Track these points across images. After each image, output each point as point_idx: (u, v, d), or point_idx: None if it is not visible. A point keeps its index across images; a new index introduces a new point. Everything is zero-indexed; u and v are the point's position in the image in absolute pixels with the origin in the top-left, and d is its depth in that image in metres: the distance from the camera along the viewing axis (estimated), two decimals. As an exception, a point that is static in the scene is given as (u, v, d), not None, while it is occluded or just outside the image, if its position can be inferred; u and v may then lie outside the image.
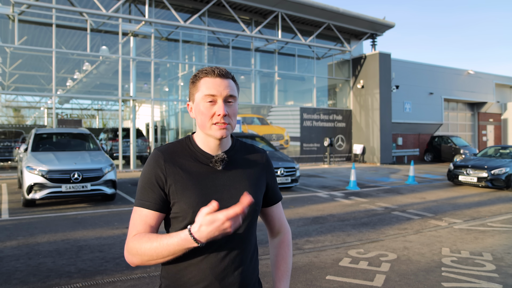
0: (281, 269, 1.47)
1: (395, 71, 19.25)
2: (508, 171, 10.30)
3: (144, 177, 1.29)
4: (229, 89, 1.29)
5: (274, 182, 1.48)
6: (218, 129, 1.28)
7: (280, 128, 17.28)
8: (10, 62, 18.95)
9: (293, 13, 16.66)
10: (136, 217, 1.27)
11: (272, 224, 1.51)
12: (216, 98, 1.27)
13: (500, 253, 4.90)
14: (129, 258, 1.23)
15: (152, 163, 1.30)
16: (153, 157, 1.31)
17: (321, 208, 7.75)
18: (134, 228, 1.26)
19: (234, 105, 1.31)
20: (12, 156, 15.89)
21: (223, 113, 1.26)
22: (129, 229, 1.28)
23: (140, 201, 1.27)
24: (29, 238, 5.33)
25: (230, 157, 1.35)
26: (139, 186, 1.30)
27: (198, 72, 1.33)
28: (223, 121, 1.27)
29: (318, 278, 3.98)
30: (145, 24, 14.59)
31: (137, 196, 1.30)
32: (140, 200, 1.28)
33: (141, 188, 1.29)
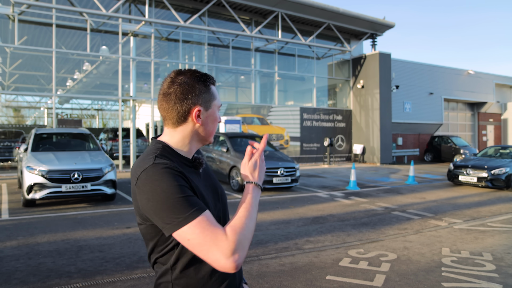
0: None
1: (395, 71, 19.26)
2: (508, 171, 10.30)
3: (176, 189, 1.10)
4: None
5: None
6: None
7: (280, 128, 17.28)
8: (10, 62, 18.95)
9: (293, 13, 16.66)
10: (207, 224, 1.08)
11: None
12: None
13: (500, 253, 4.90)
14: (242, 256, 1.08)
15: (170, 172, 1.13)
16: (164, 167, 1.13)
17: (321, 208, 7.75)
18: (218, 230, 1.09)
19: None
20: (12, 156, 15.89)
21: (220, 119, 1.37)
22: (211, 240, 1.07)
23: (196, 209, 1.09)
24: (29, 238, 5.33)
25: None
26: (176, 202, 1.08)
27: (206, 77, 1.29)
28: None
29: (318, 278, 3.98)
30: (145, 24, 14.59)
31: (184, 211, 1.08)
32: (195, 210, 1.09)
33: (181, 201, 1.09)
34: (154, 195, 1.10)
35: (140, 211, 1.19)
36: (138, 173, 1.16)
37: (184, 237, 1.09)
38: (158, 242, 1.22)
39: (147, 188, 1.12)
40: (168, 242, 1.20)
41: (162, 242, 1.21)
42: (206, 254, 1.07)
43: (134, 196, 1.20)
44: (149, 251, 1.27)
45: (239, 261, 1.06)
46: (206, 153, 11.38)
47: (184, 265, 1.21)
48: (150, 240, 1.24)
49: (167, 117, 1.27)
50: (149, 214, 1.14)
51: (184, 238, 1.09)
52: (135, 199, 1.19)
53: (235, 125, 14.00)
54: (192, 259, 1.20)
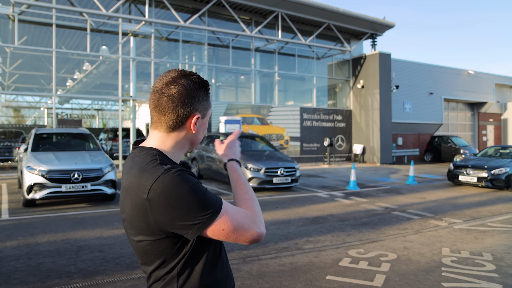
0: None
1: (395, 71, 19.25)
2: (508, 171, 10.30)
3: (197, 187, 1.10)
4: None
5: None
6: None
7: (280, 128, 17.28)
8: (10, 62, 18.95)
9: (293, 13, 16.66)
10: (232, 208, 1.16)
11: None
12: None
13: (500, 253, 4.90)
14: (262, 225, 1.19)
15: (187, 175, 1.11)
16: (179, 172, 1.10)
17: (321, 208, 7.75)
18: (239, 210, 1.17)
19: None
20: (12, 156, 15.88)
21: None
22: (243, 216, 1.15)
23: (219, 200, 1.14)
24: (29, 238, 5.33)
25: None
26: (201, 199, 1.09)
27: (207, 84, 1.25)
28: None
29: (318, 278, 3.98)
30: (145, 24, 14.59)
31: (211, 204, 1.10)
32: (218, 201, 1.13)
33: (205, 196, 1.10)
34: (178, 201, 1.06)
35: (151, 226, 1.11)
36: (148, 185, 1.08)
37: (218, 229, 1.11)
38: (168, 255, 1.15)
39: (168, 197, 1.06)
40: (178, 253, 1.15)
41: (173, 254, 1.15)
42: (241, 235, 1.14)
43: (140, 212, 1.10)
44: (153, 268, 1.18)
45: (264, 229, 1.19)
46: (206, 153, 11.39)
47: (191, 271, 1.17)
48: (158, 256, 1.16)
49: (162, 119, 1.18)
50: (171, 224, 1.08)
51: (219, 230, 1.11)
52: (144, 215, 1.10)
53: (235, 125, 14.00)
54: (200, 265, 1.18)
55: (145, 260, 1.19)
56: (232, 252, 4.78)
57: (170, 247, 1.14)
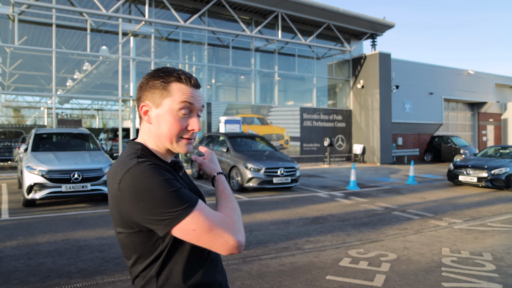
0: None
1: (395, 71, 19.25)
2: (508, 171, 10.30)
3: (168, 183, 1.05)
4: (202, 101, 1.21)
5: None
6: (185, 144, 1.18)
7: (280, 128, 17.28)
8: (10, 62, 18.95)
9: (293, 13, 16.66)
10: (207, 210, 1.08)
11: None
12: (191, 110, 1.17)
13: (500, 253, 4.90)
14: (244, 235, 1.11)
15: (157, 168, 1.08)
16: (150, 165, 1.08)
17: (321, 208, 7.75)
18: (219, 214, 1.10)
19: (199, 118, 1.23)
20: (12, 156, 15.89)
21: (199, 128, 1.18)
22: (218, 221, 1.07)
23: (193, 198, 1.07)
24: (29, 238, 5.33)
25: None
26: (171, 195, 1.04)
27: (165, 72, 1.17)
28: (192, 136, 1.19)
29: (318, 278, 3.98)
30: (145, 24, 14.59)
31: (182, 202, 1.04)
32: (192, 199, 1.07)
33: (177, 193, 1.05)
34: (146, 194, 1.03)
35: (124, 217, 1.10)
36: (120, 175, 1.07)
37: (188, 229, 1.04)
38: (144, 250, 1.13)
39: (136, 188, 1.04)
40: (154, 249, 1.12)
41: (148, 250, 1.13)
42: (214, 239, 1.04)
43: (114, 202, 1.11)
44: (131, 263, 1.16)
45: (243, 239, 1.08)
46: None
47: (170, 271, 1.14)
48: (135, 250, 1.14)
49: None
50: (140, 217, 1.06)
51: (189, 230, 1.04)
52: (117, 205, 1.10)
53: (235, 125, 14.00)
54: (181, 266, 1.14)
55: (124, 254, 1.19)
56: (232, 252, 4.77)
57: (145, 242, 1.12)
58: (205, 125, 15.84)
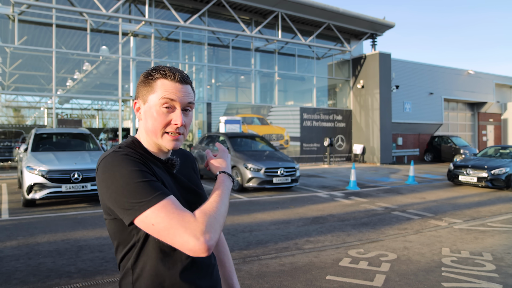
0: (227, 266, 1.45)
1: (395, 71, 19.25)
2: (508, 171, 10.30)
3: (136, 174, 1.06)
4: (189, 96, 1.19)
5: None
6: (170, 139, 1.18)
7: (280, 128, 17.28)
8: (10, 62, 18.95)
9: (293, 13, 16.66)
10: (173, 207, 1.03)
11: None
12: (174, 105, 1.17)
13: (500, 253, 4.90)
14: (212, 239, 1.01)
15: (129, 158, 1.10)
16: (123, 154, 1.11)
17: (321, 208, 7.75)
18: (185, 212, 1.03)
19: (191, 114, 1.23)
20: (12, 156, 15.88)
21: (181, 123, 1.16)
22: (178, 222, 1.01)
23: (160, 193, 1.04)
24: (29, 238, 5.33)
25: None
26: (137, 186, 1.04)
27: (154, 69, 1.20)
28: (177, 131, 1.18)
29: (318, 278, 3.98)
30: (145, 24, 14.59)
31: (146, 195, 1.03)
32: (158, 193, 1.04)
33: (143, 185, 1.04)
34: (113, 181, 1.05)
35: (102, 203, 1.14)
36: (98, 162, 1.13)
37: (148, 223, 1.02)
38: (121, 239, 1.15)
39: (106, 175, 1.07)
40: (129, 238, 1.13)
41: (124, 239, 1.14)
42: (173, 238, 1.00)
43: (98, 188, 1.14)
44: (115, 251, 1.19)
45: (210, 242, 0.99)
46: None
47: (144, 265, 1.13)
48: (114, 237, 1.17)
49: None
50: (110, 204, 1.08)
51: (148, 224, 1.02)
52: (98, 190, 1.14)
53: (235, 125, 14.00)
54: (154, 261, 1.13)
55: (111, 240, 1.21)
56: (232, 252, 4.78)
57: (122, 230, 1.14)
58: (205, 125, 15.85)
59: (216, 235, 1.02)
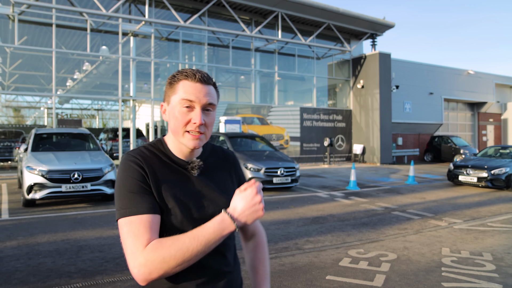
0: (260, 272, 1.40)
1: (395, 71, 19.25)
2: (508, 171, 10.30)
3: (128, 182, 1.14)
4: (209, 96, 1.21)
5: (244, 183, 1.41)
6: (191, 138, 1.20)
7: (280, 128, 17.28)
8: (10, 62, 18.95)
9: (293, 13, 16.66)
10: (135, 227, 1.08)
11: (245, 228, 1.40)
12: (193, 105, 1.19)
13: (500, 253, 4.90)
14: (146, 274, 1.03)
15: (131, 165, 1.17)
16: (130, 160, 1.19)
17: (321, 208, 7.75)
18: (139, 238, 1.07)
19: (212, 114, 1.24)
20: (12, 156, 15.88)
21: (200, 122, 1.18)
22: (130, 244, 1.07)
23: (133, 209, 1.11)
24: (29, 238, 5.33)
25: (203, 162, 1.29)
26: (124, 194, 1.14)
27: (177, 72, 1.25)
28: (198, 130, 1.19)
29: (318, 278, 3.98)
30: (145, 24, 14.59)
31: (125, 205, 1.12)
32: (132, 208, 1.11)
33: (129, 195, 1.13)
34: (116, 181, 1.19)
35: None
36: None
37: (120, 227, 1.13)
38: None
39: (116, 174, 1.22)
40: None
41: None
42: (125, 252, 1.09)
43: None
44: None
45: (147, 277, 1.03)
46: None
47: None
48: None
49: None
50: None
51: (120, 229, 1.13)
52: None
53: (235, 125, 14.00)
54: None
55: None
56: (232, 252, 4.77)
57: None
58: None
59: (157, 274, 1.04)
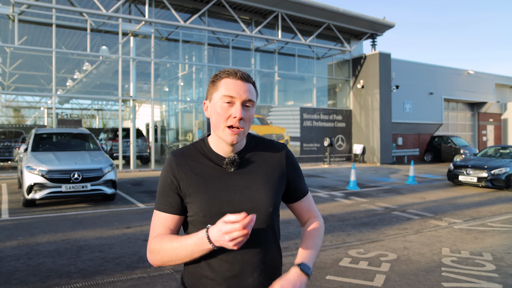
0: (306, 243, 1.41)
1: (395, 71, 19.25)
2: (508, 171, 10.29)
3: (161, 182, 1.33)
4: (249, 93, 1.27)
5: (296, 177, 1.44)
6: (230, 133, 1.25)
7: (280, 128, 17.28)
8: (10, 62, 18.95)
9: (293, 13, 16.66)
10: (156, 220, 1.32)
11: (301, 218, 1.51)
12: (234, 100, 1.25)
13: (500, 253, 4.90)
14: (151, 258, 1.28)
15: (166, 167, 1.33)
16: (168, 161, 1.34)
17: (321, 208, 7.75)
18: (154, 230, 1.31)
19: (251, 110, 1.30)
20: (12, 156, 15.88)
21: (240, 116, 1.24)
22: (150, 231, 1.33)
23: (158, 205, 1.32)
24: (29, 238, 5.33)
25: (243, 158, 1.33)
26: (158, 190, 1.34)
27: (219, 72, 1.31)
28: (238, 125, 1.25)
29: (318, 278, 3.98)
30: (145, 24, 14.58)
31: (156, 200, 1.34)
32: (158, 204, 1.32)
33: (159, 192, 1.33)
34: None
35: None
36: None
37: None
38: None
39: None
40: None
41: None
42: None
43: None
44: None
45: (151, 261, 1.29)
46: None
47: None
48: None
49: None
50: None
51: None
52: None
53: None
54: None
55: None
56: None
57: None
58: (205, 125, 15.86)
59: (158, 262, 1.26)
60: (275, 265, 1.36)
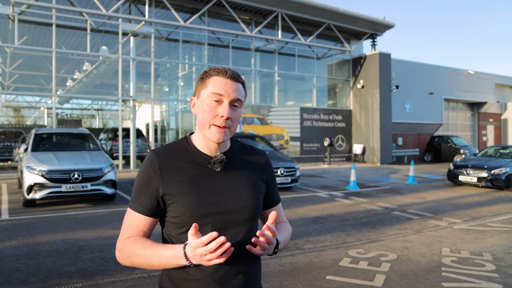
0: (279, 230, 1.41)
1: (395, 71, 19.25)
2: (508, 171, 10.29)
3: (139, 180, 1.28)
4: (238, 92, 1.26)
5: (273, 184, 1.44)
6: (216, 131, 1.24)
7: (280, 128, 17.28)
8: (10, 62, 18.94)
9: (293, 13, 16.66)
10: (129, 219, 1.28)
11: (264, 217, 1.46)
12: (222, 99, 1.24)
13: (500, 253, 4.90)
14: (120, 258, 1.27)
15: (147, 166, 1.27)
16: (148, 160, 1.28)
17: (321, 208, 7.75)
18: (127, 230, 1.27)
19: (239, 110, 1.28)
20: (12, 156, 15.88)
21: (227, 115, 1.22)
22: (122, 228, 1.29)
23: (134, 204, 1.27)
24: (29, 238, 5.33)
25: (229, 158, 1.31)
26: (134, 188, 1.29)
27: (209, 69, 1.29)
28: (224, 124, 1.23)
29: (318, 278, 3.98)
30: (145, 24, 14.58)
31: (132, 198, 1.29)
32: (133, 203, 1.27)
33: (135, 191, 1.28)
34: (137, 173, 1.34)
35: None
36: None
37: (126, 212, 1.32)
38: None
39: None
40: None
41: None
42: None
43: None
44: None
45: (120, 260, 1.29)
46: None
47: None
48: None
49: None
50: None
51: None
52: None
53: (235, 125, 13.96)
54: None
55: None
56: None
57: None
58: (205, 125, 15.83)
59: (126, 263, 1.26)
60: (257, 268, 1.36)
